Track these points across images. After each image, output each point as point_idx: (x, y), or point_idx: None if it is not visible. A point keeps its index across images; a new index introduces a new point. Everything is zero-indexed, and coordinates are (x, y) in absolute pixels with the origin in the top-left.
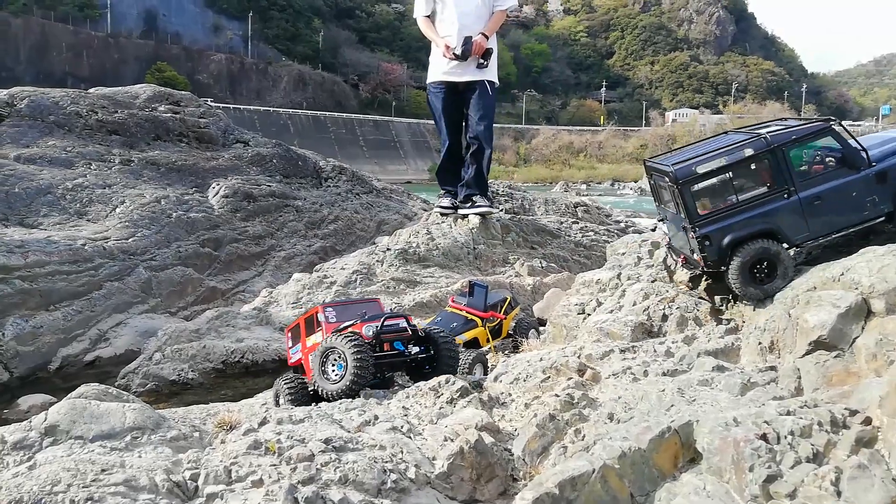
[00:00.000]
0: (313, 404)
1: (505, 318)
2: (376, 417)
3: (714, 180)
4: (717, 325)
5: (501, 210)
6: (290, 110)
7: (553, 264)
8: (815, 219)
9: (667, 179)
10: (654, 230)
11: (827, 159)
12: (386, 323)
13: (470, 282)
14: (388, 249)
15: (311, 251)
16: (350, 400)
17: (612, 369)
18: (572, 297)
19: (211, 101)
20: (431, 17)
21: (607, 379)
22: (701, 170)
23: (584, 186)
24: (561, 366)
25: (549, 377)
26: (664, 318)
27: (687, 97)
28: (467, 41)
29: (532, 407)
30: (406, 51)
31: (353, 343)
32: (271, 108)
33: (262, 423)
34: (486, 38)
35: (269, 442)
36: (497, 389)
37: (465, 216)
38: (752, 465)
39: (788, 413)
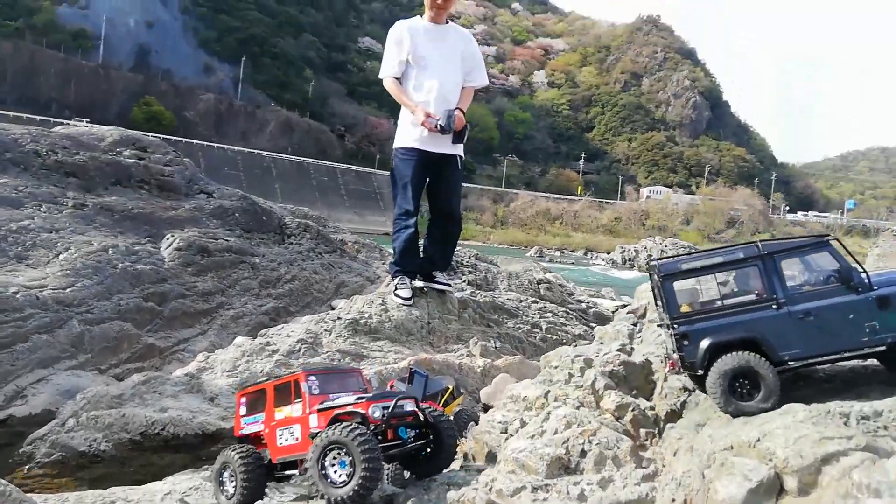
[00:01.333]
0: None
1: (444, 410)
2: None
3: (699, 280)
4: (635, 467)
5: (464, 281)
6: (275, 154)
7: (507, 345)
8: (805, 336)
9: (653, 275)
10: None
11: (826, 277)
12: (398, 405)
13: (411, 368)
14: (338, 318)
15: (262, 311)
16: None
17: (512, 485)
18: (497, 412)
19: (196, 140)
20: (401, 80)
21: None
22: (685, 266)
23: (558, 253)
24: (467, 501)
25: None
26: (583, 453)
27: (661, 175)
28: (450, 114)
29: None
30: (393, 107)
31: (361, 438)
32: (256, 151)
33: None
34: (463, 113)
35: None
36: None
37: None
38: None
39: None
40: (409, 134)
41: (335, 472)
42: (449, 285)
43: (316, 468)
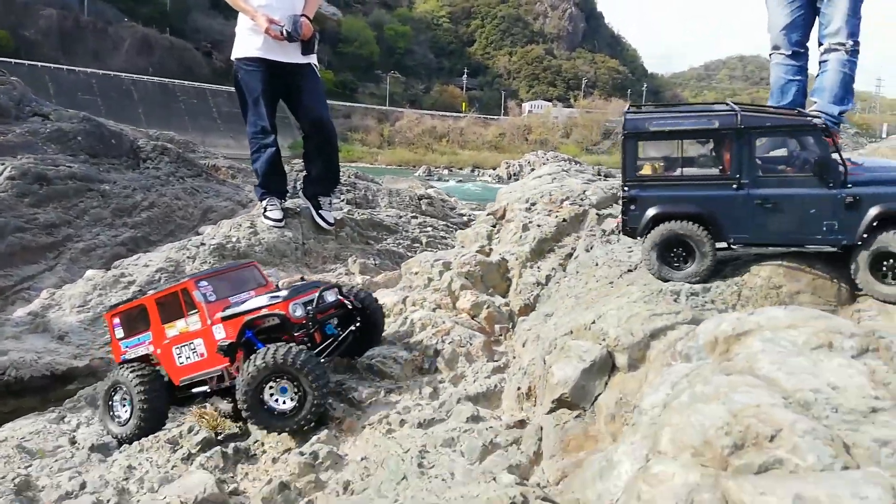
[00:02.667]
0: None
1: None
2: (83, 486)
3: (664, 144)
4: (487, 361)
5: (343, 200)
6: (135, 76)
7: (388, 261)
8: (757, 223)
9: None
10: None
11: (801, 163)
12: (321, 297)
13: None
14: (202, 244)
15: (118, 242)
16: (71, 454)
17: (369, 418)
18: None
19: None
20: None
21: (363, 429)
22: (653, 128)
23: (446, 171)
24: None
25: (313, 422)
26: (436, 353)
27: (542, 89)
28: (296, 20)
29: (278, 463)
30: None
31: (305, 359)
32: (112, 72)
33: None
34: (311, 20)
35: None
36: (250, 437)
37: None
38: None
39: None
40: (250, 42)
41: (278, 400)
42: (330, 224)
43: (253, 402)
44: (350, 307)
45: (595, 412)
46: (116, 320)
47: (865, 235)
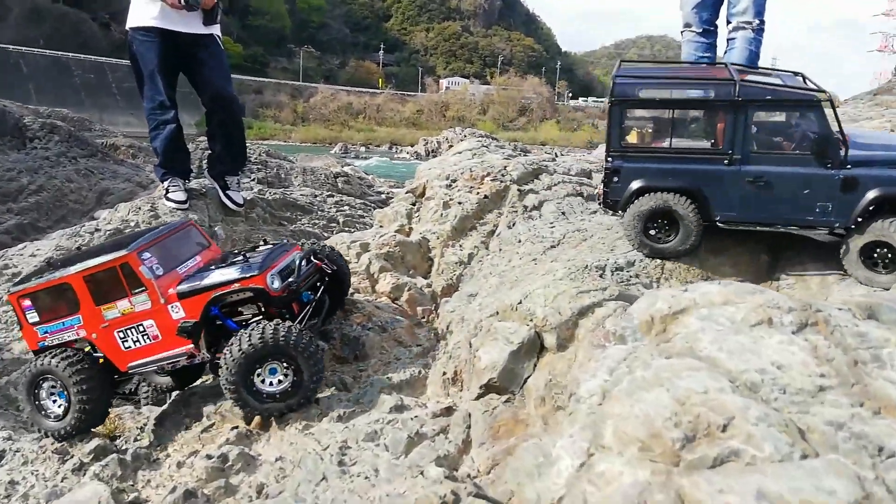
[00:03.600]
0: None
1: None
2: None
3: (654, 112)
4: (409, 346)
5: (253, 179)
6: (24, 48)
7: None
8: (747, 201)
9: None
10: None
11: (800, 139)
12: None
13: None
14: (96, 230)
15: (1, 230)
16: None
17: (283, 415)
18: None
19: None
20: None
21: (276, 428)
22: (644, 94)
23: (363, 149)
24: (226, 411)
25: (214, 423)
26: (356, 340)
27: (459, 66)
28: None
29: (184, 467)
30: None
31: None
32: None
33: None
34: None
35: None
36: (151, 440)
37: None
38: None
39: None
40: (146, 11)
41: (265, 382)
42: (239, 205)
43: (240, 385)
44: (327, 271)
45: (524, 395)
46: (26, 302)
47: (860, 220)
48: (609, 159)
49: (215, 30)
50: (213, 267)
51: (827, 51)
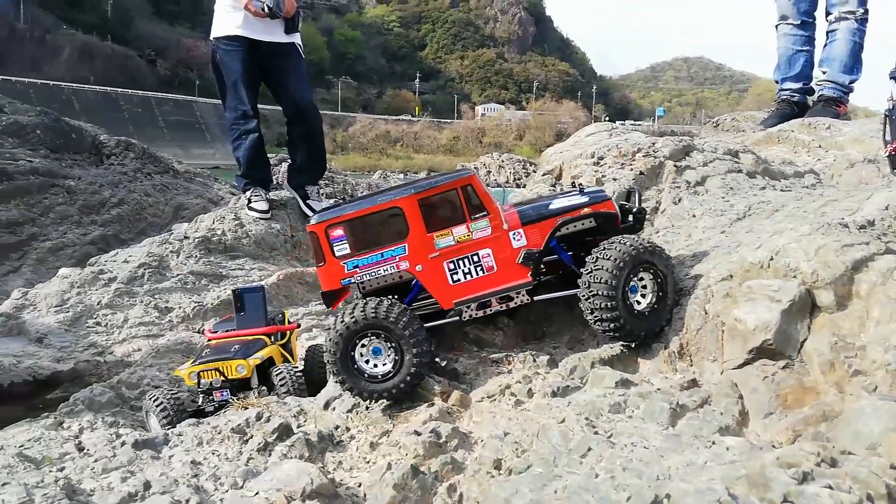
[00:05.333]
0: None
1: (293, 331)
2: (147, 486)
3: None
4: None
5: (323, 195)
6: (75, 85)
7: None
8: None
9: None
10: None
11: None
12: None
13: (235, 290)
14: (185, 237)
15: (87, 241)
16: (112, 454)
17: (485, 389)
18: None
19: None
20: None
21: (480, 402)
22: None
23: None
24: (420, 385)
25: (403, 402)
26: (544, 317)
27: (494, 93)
28: None
29: (380, 448)
30: (209, 27)
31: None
32: (51, 82)
33: None
34: None
35: None
36: (329, 421)
37: (287, 201)
38: None
39: (805, 478)
40: (229, 20)
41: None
42: (322, 204)
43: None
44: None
45: (804, 360)
46: (338, 232)
47: None
48: None
49: (296, 38)
50: (546, 201)
51: None
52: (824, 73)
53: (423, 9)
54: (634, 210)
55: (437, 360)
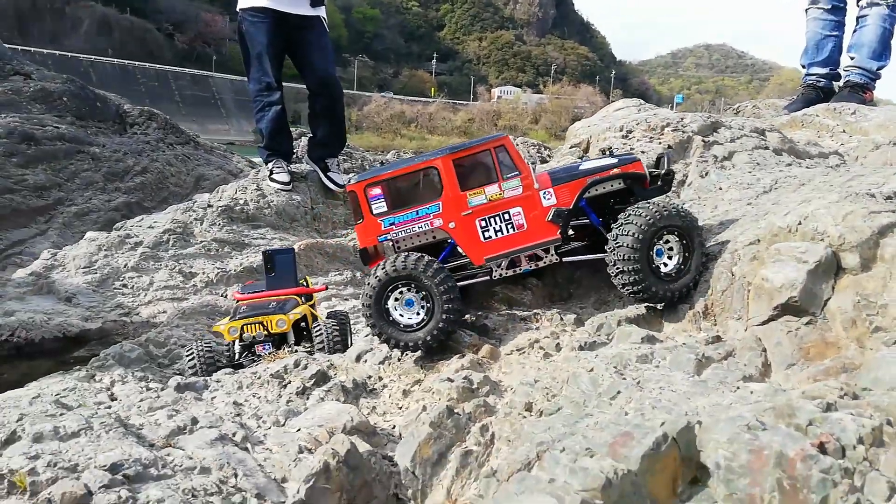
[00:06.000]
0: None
1: (316, 295)
2: (194, 421)
3: None
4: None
5: (342, 170)
6: (93, 57)
7: None
8: None
9: None
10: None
11: None
12: None
13: (266, 252)
14: (209, 206)
15: (112, 207)
16: (156, 395)
17: (514, 343)
18: None
19: None
20: None
21: (509, 355)
22: None
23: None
24: (451, 339)
25: (434, 354)
26: (571, 279)
27: (511, 75)
28: None
29: (413, 395)
30: (228, 3)
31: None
32: (70, 54)
33: (10, 439)
34: None
35: (18, 473)
36: (362, 372)
37: (307, 174)
38: (825, 495)
39: (829, 408)
40: None
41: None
42: (341, 186)
43: (646, 256)
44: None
45: (827, 318)
46: (376, 191)
47: None
48: None
49: (321, 11)
50: (576, 163)
51: None
52: (852, 58)
53: None
54: (663, 172)
55: (467, 316)
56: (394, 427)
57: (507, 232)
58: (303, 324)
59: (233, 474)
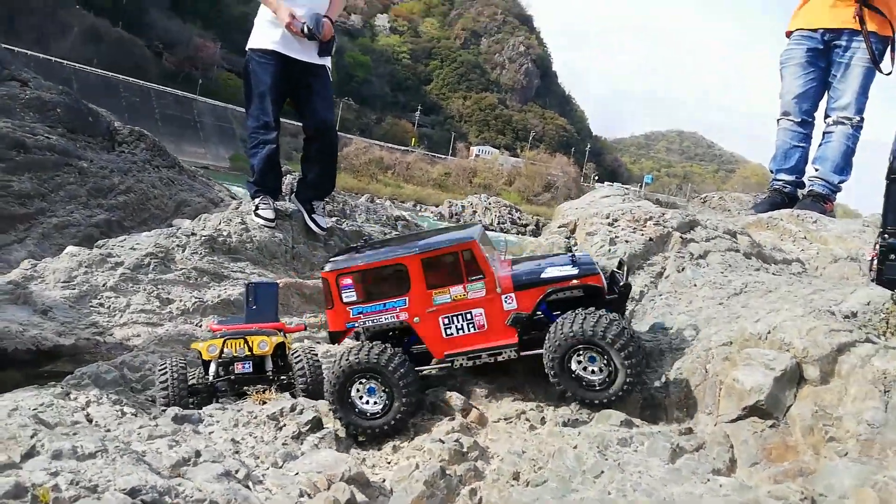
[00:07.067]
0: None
1: (294, 331)
2: (198, 454)
3: None
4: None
5: (325, 212)
6: (77, 65)
7: None
8: None
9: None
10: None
11: None
12: None
13: (250, 284)
14: (192, 234)
15: (92, 223)
16: (154, 424)
17: (502, 411)
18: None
19: None
20: None
21: (497, 423)
22: None
23: (389, 203)
24: (442, 401)
25: (425, 412)
26: None
27: (491, 136)
28: (319, 19)
29: (403, 451)
30: (223, 30)
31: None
32: (54, 58)
33: (29, 454)
34: (333, 22)
35: (42, 488)
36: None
37: (291, 213)
38: None
39: None
40: (267, 35)
41: (589, 371)
42: (324, 229)
43: (560, 370)
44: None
45: (788, 423)
46: (347, 280)
47: None
48: (885, 236)
49: (327, 62)
50: (541, 265)
51: None
52: (817, 170)
53: (434, 45)
54: (621, 284)
55: (457, 380)
56: (384, 481)
57: (468, 331)
58: (281, 361)
59: None
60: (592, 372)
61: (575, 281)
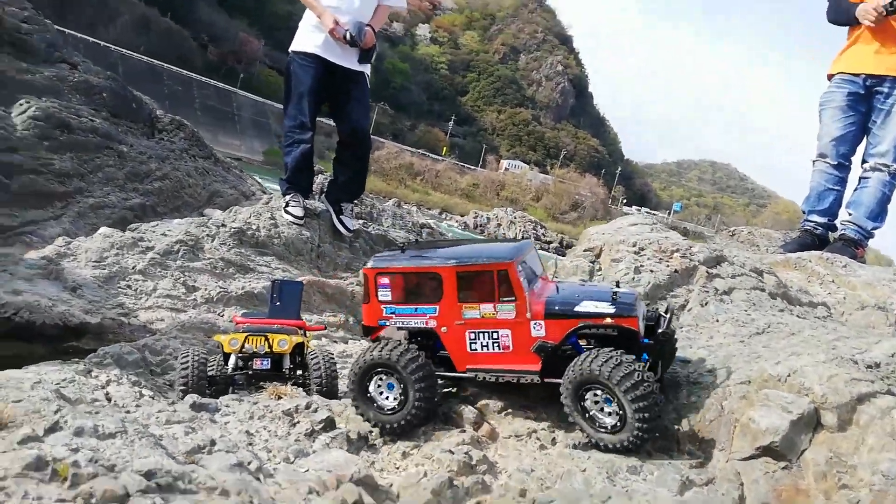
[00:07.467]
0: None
1: (314, 330)
2: (213, 443)
3: None
4: None
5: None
6: (125, 51)
7: None
8: None
9: None
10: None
11: None
12: None
13: (275, 281)
14: (222, 225)
15: (127, 206)
16: (172, 409)
17: (513, 428)
18: None
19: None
20: None
21: (507, 439)
22: None
23: (415, 209)
24: (454, 413)
25: (437, 423)
26: None
27: (522, 151)
28: (361, 27)
29: (412, 457)
30: (267, 29)
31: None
32: (102, 42)
33: (52, 428)
34: (375, 31)
35: (62, 462)
36: (364, 425)
37: (320, 212)
38: None
39: None
40: (310, 39)
41: (603, 410)
42: (350, 231)
43: (575, 407)
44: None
45: (801, 467)
46: (384, 280)
47: None
48: None
49: (366, 69)
50: (579, 295)
51: None
52: (850, 214)
53: (472, 58)
54: (659, 332)
55: (469, 392)
56: (391, 485)
57: (493, 349)
58: (298, 358)
59: (249, 502)
60: (609, 414)
61: (609, 320)
